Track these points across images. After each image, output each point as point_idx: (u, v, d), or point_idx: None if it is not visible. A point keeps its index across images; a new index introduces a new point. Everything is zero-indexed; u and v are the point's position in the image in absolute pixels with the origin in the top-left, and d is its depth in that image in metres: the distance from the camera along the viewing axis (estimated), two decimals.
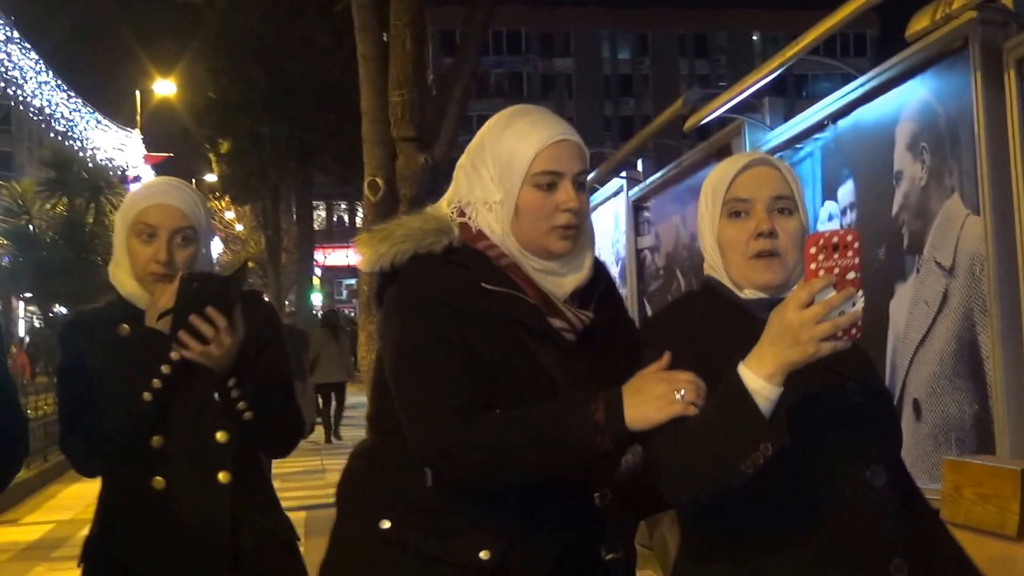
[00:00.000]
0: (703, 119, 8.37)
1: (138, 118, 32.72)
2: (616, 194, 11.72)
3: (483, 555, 2.41)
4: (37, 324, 46.16)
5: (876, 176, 6.54)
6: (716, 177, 2.36)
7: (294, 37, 19.64)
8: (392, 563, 2.43)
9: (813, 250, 1.99)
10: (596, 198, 12.55)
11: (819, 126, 7.22)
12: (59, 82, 26.47)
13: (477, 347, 2.38)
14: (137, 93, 32.51)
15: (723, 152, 8.83)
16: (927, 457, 5.99)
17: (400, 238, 2.51)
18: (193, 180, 50.55)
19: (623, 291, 11.65)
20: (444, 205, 2.62)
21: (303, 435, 3.25)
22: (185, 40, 21.96)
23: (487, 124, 2.68)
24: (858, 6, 6.11)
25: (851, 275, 1.99)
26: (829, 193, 7.10)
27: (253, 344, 2.91)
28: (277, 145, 21.52)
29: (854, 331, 2.01)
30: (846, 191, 6.90)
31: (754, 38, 71.41)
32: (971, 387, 5.66)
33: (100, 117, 31.73)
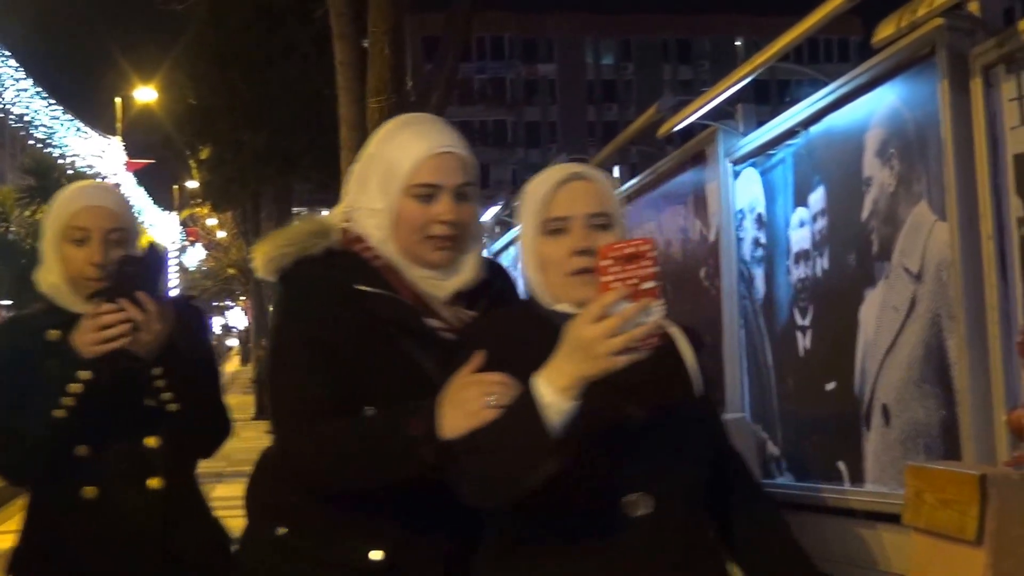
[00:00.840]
0: (675, 126, 8.40)
1: (119, 125, 32.70)
2: None
3: (373, 556, 2.47)
4: None
5: (846, 182, 6.56)
6: (533, 194, 2.31)
7: (275, 44, 19.64)
8: (290, 569, 2.49)
9: (605, 262, 1.97)
10: None
11: (791, 132, 7.24)
12: (39, 89, 26.42)
13: (347, 349, 2.47)
14: (118, 100, 32.49)
15: (697, 159, 8.85)
16: (896, 463, 6.01)
17: (284, 243, 2.63)
18: (174, 186, 50.50)
19: None
20: (338, 210, 2.71)
21: (228, 435, 3.22)
22: (166, 47, 22.02)
23: (378, 132, 2.76)
24: (828, 11, 6.14)
25: (647, 285, 1.97)
26: (801, 199, 7.13)
27: (183, 339, 2.89)
28: (257, 152, 21.50)
29: (653, 341, 1.95)
30: (817, 198, 6.93)
31: (737, 43, 71.57)
32: (938, 393, 5.69)
33: (80, 124, 31.60)
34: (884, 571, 6.17)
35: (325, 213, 2.76)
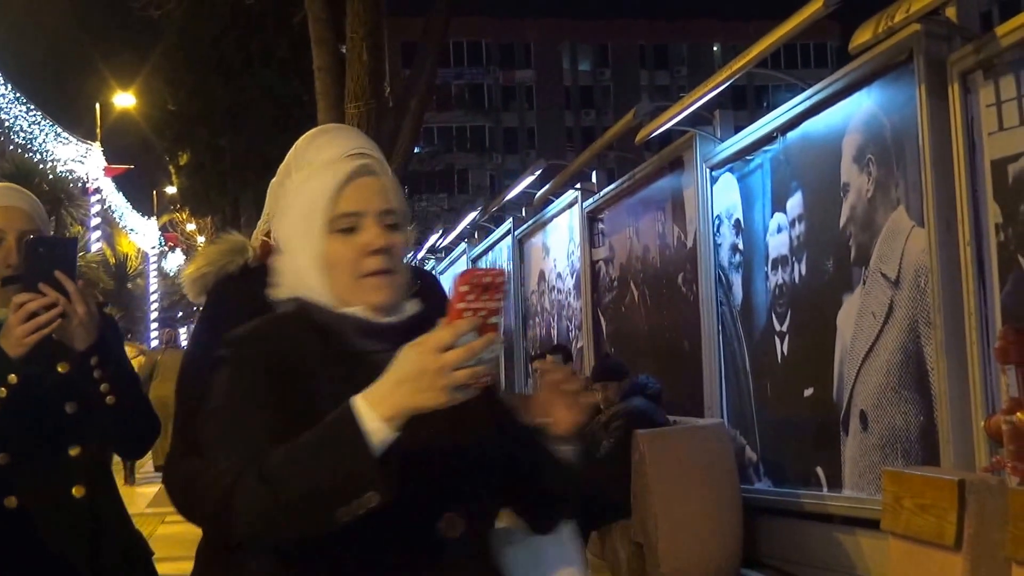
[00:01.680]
0: (653, 132, 8.40)
1: (98, 130, 32.55)
2: (571, 205, 11.73)
3: None
4: None
5: (824, 188, 6.58)
6: (317, 189, 2.10)
7: (253, 50, 19.58)
8: None
9: (465, 288, 1.81)
10: (551, 209, 12.58)
11: (768, 138, 7.25)
12: (17, 95, 26.21)
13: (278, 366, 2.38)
14: (97, 106, 32.31)
15: (675, 164, 8.87)
16: (873, 468, 6.02)
17: (203, 264, 2.62)
18: (154, 192, 50.33)
19: (577, 303, 11.66)
20: (260, 225, 2.70)
21: (158, 433, 3.13)
22: (144, 53, 21.89)
23: (297, 142, 2.72)
24: (806, 16, 6.14)
25: (493, 319, 1.83)
26: (778, 205, 7.14)
27: (107, 330, 2.80)
28: (236, 157, 21.39)
29: (485, 380, 1.83)
30: (795, 203, 6.94)
31: (714, 49, 71.81)
32: (916, 398, 5.69)
33: (60, 129, 31.35)
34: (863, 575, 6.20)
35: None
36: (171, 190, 34.68)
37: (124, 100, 29.10)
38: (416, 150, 13.49)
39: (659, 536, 6.70)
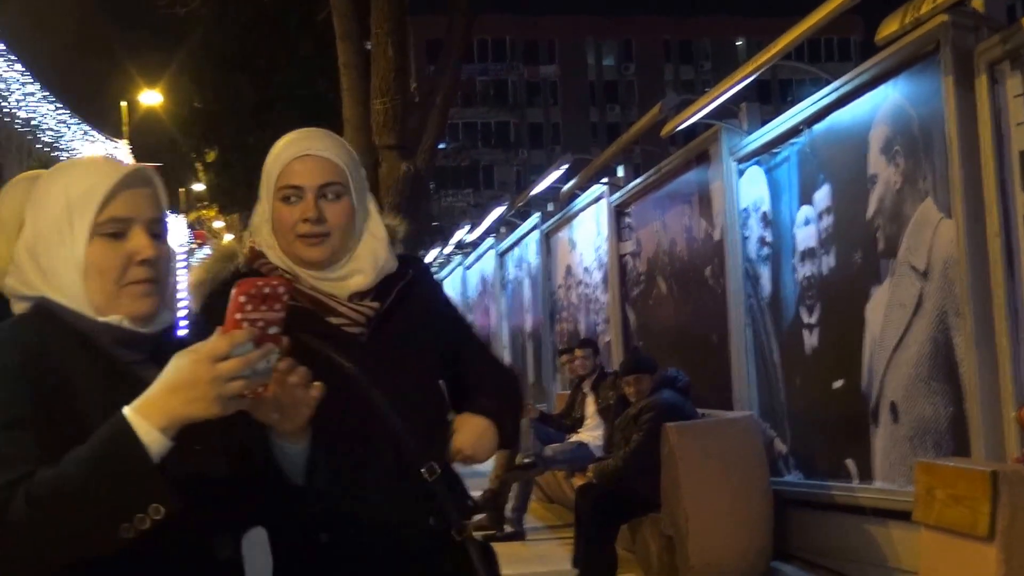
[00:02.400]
0: (679, 125, 8.39)
1: (125, 129, 32.65)
2: (597, 200, 11.73)
3: (323, 537, 2.57)
4: None
5: (851, 180, 6.57)
6: (85, 186, 1.94)
7: (278, 47, 19.67)
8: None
9: (243, 299, 1.76)
10: (578, 203, 12.58)
11: (795, 131, 7.25)
12: (45, 93, 26.35)
13: None
14: (124, 104, 32.47)
15: (701, 158, 8.86)
16: (904, 459, 6.02)
17: (201, 273, 2.70)
18: (181, 189, 50.50)
19: (604, 297, 11.66)
20: (244, 233, 2.79)
21: None
22: (170, 51, 22.02)
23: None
24: (831, 10, 6.13)
25: (272, 330, 1.79)
26: (805, 197, 7.13)
27: None
28: (263, 154, 21.52)
29: (261, 391, 1.81)
30: (822, 195, 6.93)
31: (738, 43, 71.54)
32: (946, 389, 5.68)
33: (87, 128, 31.37)
34: (895, 568, 6.18)
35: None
36: (198, 187, 34.84)
37: (150, 98, 29.24)
38: (441, 146, 13.52)
39: (689, 529, 6.71)
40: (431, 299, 2.85)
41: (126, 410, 1.73)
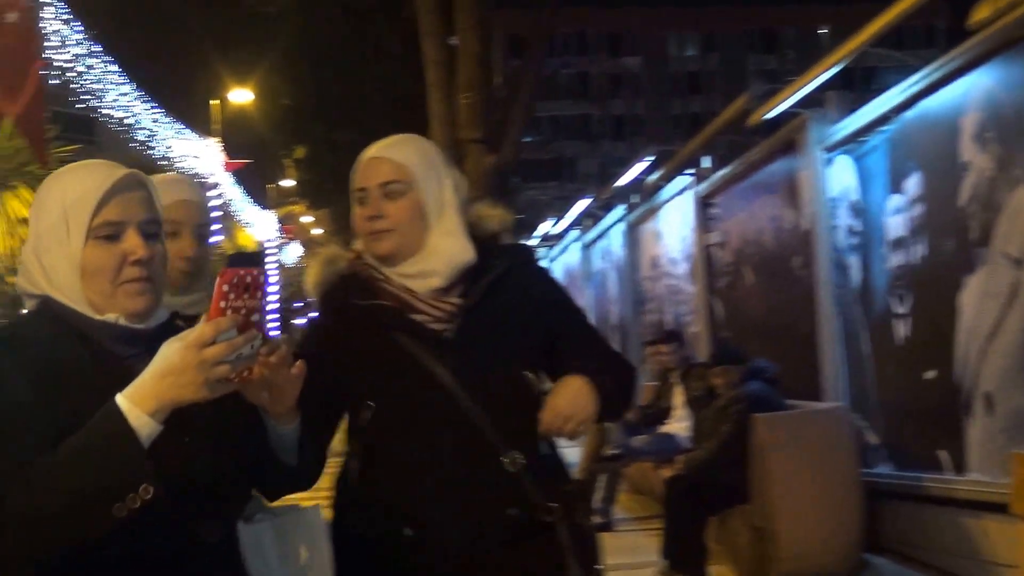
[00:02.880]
0: (766, 114, 8.34)
1: (216, 126, 33.07)
2: (683, 191, 11.70)
3: (407, 532, 2.67)
4: None
5: (942, 168, 6.48)
6: (79, 191, 2.05)
7: (365, 44, 19.83)
8: (344, 541, 2.70)
9: (226, 288, 1.86)
10: (663, 195, 12.55)
11: (883, 119, 7.17)
12: (139, 93, 26.84)
13: (349, 356, 2.76)
14: (214, 102, 32.87)
15: (788, 147, 8.80)
16: (1000, 451, 5.93)
17: (314, 273, 2.93)
18: (270, 186, 51.18)
19: (690, 288, 11.63)
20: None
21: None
22: (259, 50, 22.25)
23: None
24: None
25: (255, 316, 1.89)
26: (896, 186, 7.05)
27: None
28: (351, 150, 21.74)
29: (246, 374, 1.93)
30: (912, 183, 6.85)
31: (821, 32, 70.58)
32: None
33: (180, 126, 31.97)
34: (990, 561, 6.09)
35: None
36: (287, 183, 35.24)
37: (240, 96, 29.61)
38: (525, 139, 13.57)
39: (779, 521, 6.67)
40: (531, 288, 2.89)
41: (118, 397, 1.84)
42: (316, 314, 2.97)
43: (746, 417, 6.95)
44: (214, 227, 2.90)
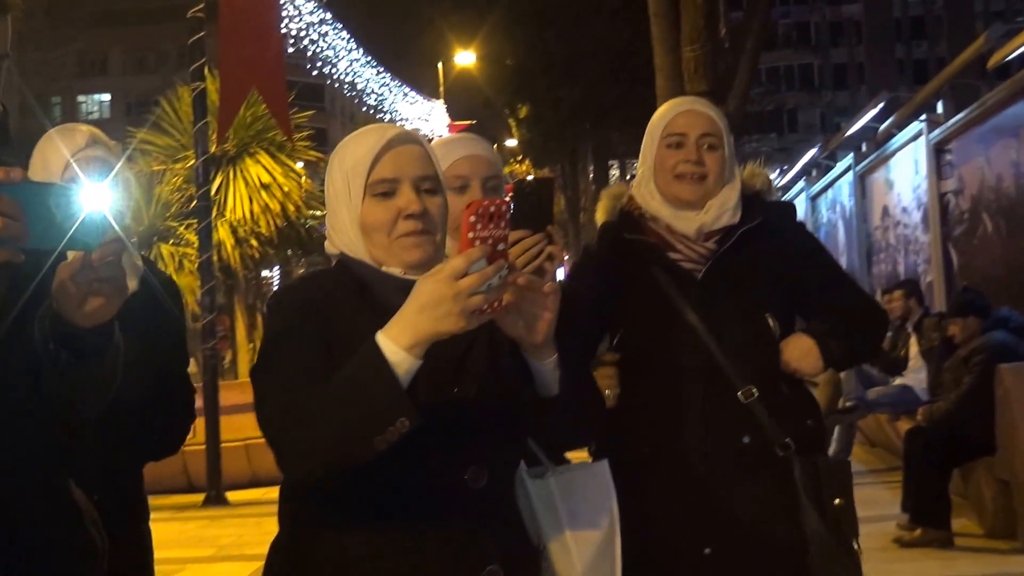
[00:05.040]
0: (1009, 55, 8.07)
1: (441, 89, 33.56)
2: (915, 138, 11.41)
3: (644, 449, 2.90)
4: None
5: None
6: (358, 153, 2.17)
7: (585, 2, 19.91)
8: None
9: (472, 219, 1.86)
10: (894, 143, 12.27)
11: None
12: (369, 58, 27.58)
13: (613, 285, 3.05)
14: (439, 65, 33.42)
15: None
16: None
17: (601, 207, 3.23)
18: (494, 145, 51.73)
19: (925, 238, 11.36)
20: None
21: None
22: (482, 10, 22.58)
23: (657, 112, 3.18)
24: None
25: (501, 246, 1.88)
26: None
27: None
28: (573, 108, 21.87)
29: (497, 305, 1.91)
30: None
31: None
32: None
33: (407, 90, 32.50)
34: None
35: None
36: (511, 143, 35.63)
37: (464, 58, 30.06)
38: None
39: None
40: (785, 241, 3.09)
41: (378, 334, 1.92)
42: (599, 240, 3.21)
43: (990, 367, 6.80)
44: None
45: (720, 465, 2.89)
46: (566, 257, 3.21)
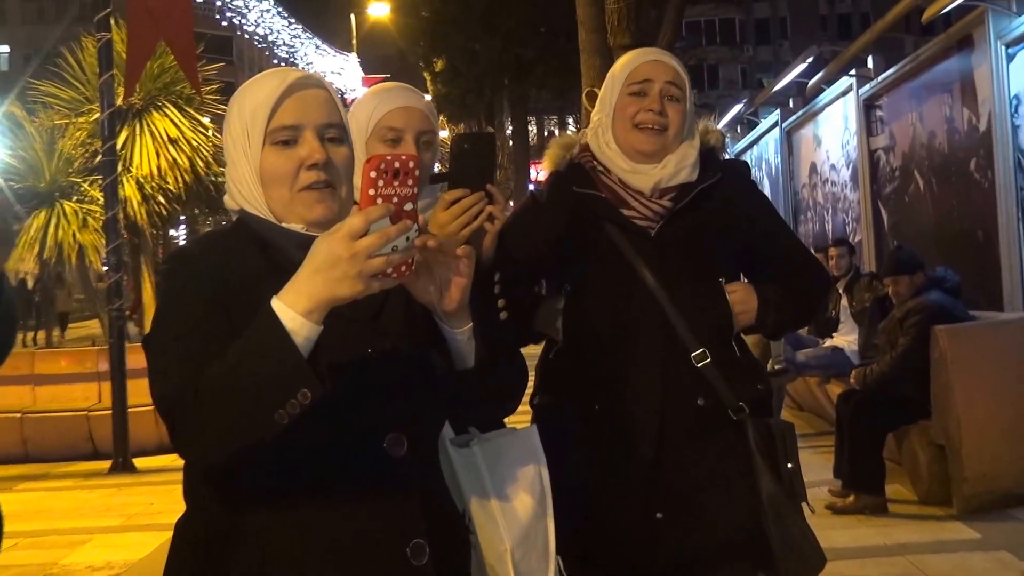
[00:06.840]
0: (944, 8, 7.84)
1: (354, 42, 33.12)
2: (845, 93, 11.22)
3: (596, 407, 2.83)
4: None
5: None
6: (257, 98, 2.00)
7: None
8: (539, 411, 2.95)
9: (373, 174, 1.73)
10: (823, 98, 12.11)
11: None
12: (279, 9, 26.90)
13: (560, 240, 2.93)
14: (352, 16, 32.94)
15: (964, 43, 8.31)
16: None
17: (548, 155, 3.13)
18: None
19: (854, 195, 11.19)
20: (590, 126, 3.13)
21: None
22: None
23: (620, 59, 3.06)
24: None
25: (408, 206, 1.75)
26: None
27: None
28: (491, 61, 21.59)
29: (404, 269, 1.77)
30: None
31: None
32: None
33: (319, 42, 31.84)
34: None
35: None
36: (426, 97, 35.33)
37: (379, 10, 29.65)
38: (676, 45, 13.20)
39: (962, 438, 6.36)
40: (738, 200, 2.99)
41: (273, 299, 1.77)
42: (544, 190, 3.10)
43: (926, 329, 6.61)
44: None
45: (675, 427, 2.81)
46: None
